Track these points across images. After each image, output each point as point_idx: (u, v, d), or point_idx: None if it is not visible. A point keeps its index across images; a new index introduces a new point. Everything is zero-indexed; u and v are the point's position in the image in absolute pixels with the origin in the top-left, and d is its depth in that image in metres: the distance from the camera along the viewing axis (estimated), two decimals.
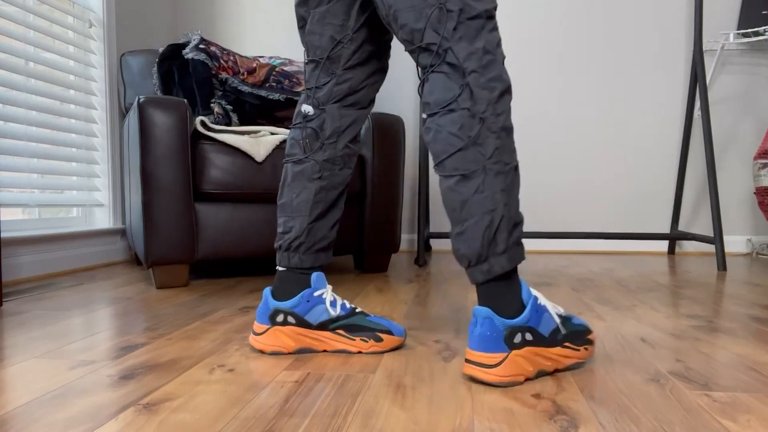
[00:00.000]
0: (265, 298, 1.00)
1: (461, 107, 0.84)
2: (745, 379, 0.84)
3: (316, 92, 1.03)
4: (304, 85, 1.04)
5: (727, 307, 1.40)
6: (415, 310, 1.35)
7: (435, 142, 0.86)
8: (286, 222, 1.03)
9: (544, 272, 2.02)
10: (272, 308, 0.99)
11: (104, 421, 0.69)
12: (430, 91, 0.86)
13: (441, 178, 0.87)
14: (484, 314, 0.82)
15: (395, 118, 2.02)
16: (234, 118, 1.94)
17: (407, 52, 0.90)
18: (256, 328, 1.00)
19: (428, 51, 0.86)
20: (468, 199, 0.83)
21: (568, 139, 2.74)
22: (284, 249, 1.03)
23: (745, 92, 2.64)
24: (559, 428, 0.66)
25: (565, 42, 2.72)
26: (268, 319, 0.99)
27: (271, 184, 1.78)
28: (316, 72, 1.02)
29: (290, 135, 1.05)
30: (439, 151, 0.86)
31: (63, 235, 1.99)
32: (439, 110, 0.85)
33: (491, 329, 0.81)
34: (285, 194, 1.04)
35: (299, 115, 1.04)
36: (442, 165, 0.86)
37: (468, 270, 0.86)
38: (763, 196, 2.29)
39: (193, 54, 1.88)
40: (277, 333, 0.98)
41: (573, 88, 2.72)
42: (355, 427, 0.67)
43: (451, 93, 0.84)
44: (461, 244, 0.85)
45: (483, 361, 0.81)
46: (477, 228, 0.83)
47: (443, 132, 0.85)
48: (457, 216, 0.85)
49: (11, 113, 1.82)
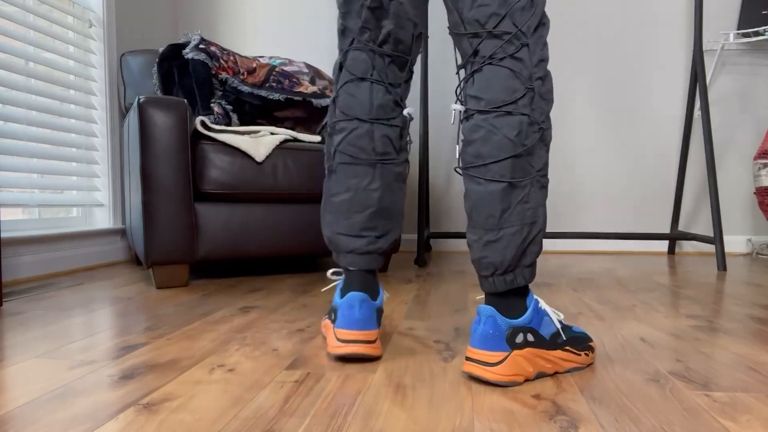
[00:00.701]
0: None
1: (520, 112, 0.81)
2: (745, 379, 0.84)
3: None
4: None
5: (727, 307, 1.40)
6: (415, 310, 1.35)
7: (485, 143, 0.82)
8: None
9: (544, 272, 2.02)
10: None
11: (104, 421, 0.69)
12: (487, 86, 0.82)
13: (477, 180, 0.84)
14: (488, 313, 0.82)
15: None
16: (234, 118, 1.94)
17: (458, 34, 0.86)
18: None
19: (497, 39, 0.82)
20: (511, 207, 0.82)
21: (568, 140, 2.74)
22: (382, 252, 0.98)
23: (745, 92, 2.64)
24: (559, 428, 0.66)
25: (565, 42, 2.72)
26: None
27: (271, 184, 1.78)
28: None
29: (384, 133, 0.97)
30: (486, 153, 0.82)
31: (63, 235, 1.99)
32: (495, 110, 0.82)
33: (494, 328, 0.81)
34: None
35: (394, 111, 0.98)
36: (485, 168, 0.83)
37: (488, 278, 0.85)
38: (763, 196, 2.29)
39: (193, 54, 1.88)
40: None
41: (573, 88, 2.72)
42: (355, 427, 0.67)
43: (514, 94, 0.81)
44: (491, 252, 0.83)
45: (484, 359, 0.81)
46: (514, 238, 0.82)
47: (498, 134, 0.82)
48: (494, 222, 0.83)
49: (11, 113, 1.82)
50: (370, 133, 0.96)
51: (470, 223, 0.87)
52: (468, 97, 0.86)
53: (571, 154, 2.74)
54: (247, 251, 1.78)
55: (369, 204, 0.96)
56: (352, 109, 0.96)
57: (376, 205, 0.97)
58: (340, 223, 0.98)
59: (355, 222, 0.97)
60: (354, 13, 0.96)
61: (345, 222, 0.97)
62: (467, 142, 0.86)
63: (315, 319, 1.25)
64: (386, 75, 0.97)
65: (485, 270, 0.85)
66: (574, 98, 2.73)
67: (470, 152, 0.85)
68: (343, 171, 0.97)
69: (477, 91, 0.84)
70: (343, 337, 0.91)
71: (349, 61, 0.97)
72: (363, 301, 0.92)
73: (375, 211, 0.97)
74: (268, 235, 1.81)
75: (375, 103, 0.96)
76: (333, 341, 0.92)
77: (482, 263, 0.85)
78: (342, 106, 0.97)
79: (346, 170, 0.97)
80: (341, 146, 0.97)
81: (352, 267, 0.97)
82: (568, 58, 2.72)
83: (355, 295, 0.92)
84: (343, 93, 0.97)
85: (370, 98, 0.96)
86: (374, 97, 0.96)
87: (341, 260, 0.99)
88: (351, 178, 0.97)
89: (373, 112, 0.96)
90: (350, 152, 0.96)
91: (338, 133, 0.98)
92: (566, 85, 2.73)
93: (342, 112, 0.97)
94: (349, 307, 0.91)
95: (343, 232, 0.97)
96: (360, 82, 0.96)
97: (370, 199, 0.96)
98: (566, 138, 2.74)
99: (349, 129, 0.96)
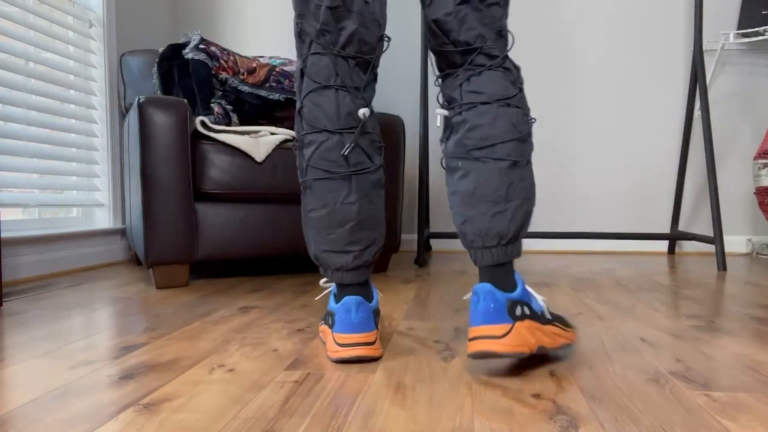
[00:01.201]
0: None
1: (516, 105, 0.91)
2: (745, 379, 0.84)
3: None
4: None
5: (727, 307, 1.40)
6: (415, 310, 1.35)
7: (492, 126, 0.89)
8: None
9: (544, 272, 2.02)
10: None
11: (104, 421, 0.69)
12: (486, 84, 0.91)
13: (484, 160, 0.90)
14: (486, 289, 0.85)
15: (395, 118, 2.02)
16: (234, 118, 1.94)
17: (446, 51, 0.93)
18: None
19: (486, 55, 0.92)
20: (514, 184, 0.90)
21: (568, 140, 2.74)
22: (369, 264, 0.98)
23: (745, 92, 2.64)
24: (559, 428, 0.66)
25: (565, 42, 2.72)
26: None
27: (271, 184, 1.78)
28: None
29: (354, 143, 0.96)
30: (494, 135, 0.89)
31: (63, 235, 1.99)
32: (496, 101, 0.90)
33: (495, 302, 0.84)
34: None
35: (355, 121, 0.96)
36: (492, 148, 0.89)
37: (491, 248, 0.89)
38: (763, 196, 2.29)
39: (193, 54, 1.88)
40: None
41: (573, 88, 2.72)
42: (355, 427, 0.67)
43: (509, 91, 0.91)
44: (498, 222, 0.89)
45: (491, 333, 0.83)
46: (519, 210, 0.90)
47: (504, 119, 0.90)
48: (501, 195, 0.89)
49: (11, 113, 1.82)
50: (341, 144, 0.93)
51: (470, 201, 0.90)
52: (466, 93, 0.92)
53: (571, 154, 2.74)
54: (247, 251, 1.78)
55: (348, 218, 0.94)
56: (318, 120, 0.94)
57: (356, 218, 0.95)
58: (322, 239, 0.96)
59: (338, 238, 0.95)
60: (311, 15, 0.93)
61: (327, 238, 0.95)
62: (472, 127, 0.91)
63: (315, 319, 1.25)
64: (351, 79, 0.95)
65: (491, 240, 0.89)
66: (574, 98, 2.73)
67: (476, 135, 0.90)
68: (317, 187, 0.95)
69: (478, 87, 0.91)
70: (342, 341, 0.91)
71: (309, 68, 0.94)
72: (359, 304, 0.92)
73: (355, 224, 0.95)
74: (268, 235, 1.81)
75: (342, 111, 0.93)
76: (333, 346, 0.92)
77: (489, 234, 0.89)
78: (308, 118, 0.94)
79: (321, 186, 0.94)
80: (312, 161, 0.94)
81: (342, 282, 0.97)
82: (567, 59, 2.72)
83: (351, 299, 0.93)
84: (308, 103, 0.94)
85: (336, 107, 0.93)
86: (341, 105, 0.93)
87: (330, 277, 0.98)
88: (326, 194, 0.94)
89: (341, 121, 0.93)
90: (323, 166, 0.94)
91: (307, 147, 0.95)
92: (566, 85, 2.73)
93: (309, 125, 0.94)
94: (346, 311, 0.92)
95: (328, 249, 0.96)
96: (324, 90, 0.93)
97: (349, 213, 0.94)
98: (566, 138, 2.74)
99: (318, 142, 0.94)
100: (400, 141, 2.02)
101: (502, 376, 0.85)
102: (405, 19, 2.80)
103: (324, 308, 1.36)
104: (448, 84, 0.95)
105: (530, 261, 2.38)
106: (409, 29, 2.80)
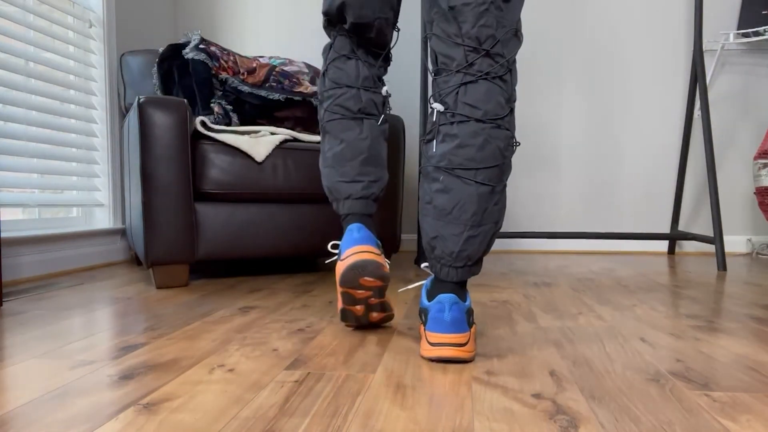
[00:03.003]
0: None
1: (505, 127, 0.92)
2: (745, 379, 0.84)
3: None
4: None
5: (727, 307, 1.40)
6: (415, 310, 1.35)
7: (482, 149, 0.91)
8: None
9: (544, 272, 2.02)
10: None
11: (104, 421, 0.69)
12: (484, 98, 0.91)
13: (465, 181, 0.91)
14: (453, 300, 0.91)
15: (395, 118, 2.02)
16: (234, 118, 1.94)
17: (452, 43, 0.92)
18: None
19: (491, 59, 0.91)
20: (489, 209, 0.93)
21: (568, 140, 2.74)
22: (375, 197, 1.11)
23: (745, 92, 2.64)
24: (559, 428, 0.66)
25: (565, 42, 2.72)
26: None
27: (271, 184, 1.78)
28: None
29: (369, 97, 1.12)
30: (480, 159, 0.91)
31: (63, 235, 1.99)
32: (490, 121, 0.91)
33: (459, 312, 0.91)
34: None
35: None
36: (476, 171, 0.91)
37: (458, 268, 0.94)
38: (763, 196, 2.29)
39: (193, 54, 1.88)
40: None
41: (573, 88, 2.72)
42: (355, 427, 0.67)
43: (502, 111, 0.92)
44: (470, 245, 0.93)
45: (457, 341, 0.90)
46: (487, 234, 0.94)
47: (493, 144, 0.91)
48: (477, 220, 0.92)
49: (11, 113, 1.82)
50: (357, 95, 1.10)
51: (445, 218, 0.93)
52: (462, 104, 0.92)
53: (571, 154, 2.74)
54: (247, 251, 1.78)
55: (360, 151, 1.08)
56: (341, 79, 1.10)
57: (366, 152, 1.09)
58: (336, 172, 1.09)
59: (350, 169, 1.08)
60: (336, 13, 1.09)
61: (341, 170, 1.08)
62: (462, 145, 0.91)
63: (315, 319, 1.25)
64: (368, 58, 1.12)
65: (460, 261, 0.94)
66: (574, 98, 2.73)
67: (464, 155, 0.91)
68: (333, 127, 1.10)
69: (474, 101, 0.91)
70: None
71: (336, 44, 1.12)
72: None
73: (366, 157, 1.08)
74: (268, 235, 1.81)
75: (361, 74, 1.10)
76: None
77: (460, 256, 0.93)
78: (332, 77, 1.11)
79: (337, 126, 1.09)
80: (330, 107, 1.10)
81: (350, 211, 1.07)
82: (567, 60, 2.72)
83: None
84: (332, 67, 1.11)
85: (356, 71, 1.10)
86: (360, 70, 1.10)
87: (341, 207, 1.09)
88: (342, 132, 1.09)
89: (360, 81, 1.10)
90: (339, 111, 1.10)
91: (328, 99, 1.11)
92: (566, 85, 2.73)
93: (332, 81, 1.11)
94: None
95: (340, 179, 1.08)
96: (347, 59, 1.10)
97: (361, 147, 1.08)
98: (566, 138, 2.74)
99: (339, 94, 1.10)
100: (400, 141, 2.02)
101: (502, 376, 0.85)
102: (405, 19, 2.80)
103: (326, 305, 1.36)
104: (442, 83, 0.95)
105: (530, 261, 2.38)
106: (408, 29, 2.80)
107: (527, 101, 2.75)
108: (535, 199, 2.77)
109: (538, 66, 2.74)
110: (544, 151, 2.75)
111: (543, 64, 2.73)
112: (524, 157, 2.76)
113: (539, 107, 2.75)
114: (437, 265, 0.95)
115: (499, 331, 1.14)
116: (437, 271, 0.96)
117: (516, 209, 2.78)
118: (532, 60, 2.74)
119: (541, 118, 2.75)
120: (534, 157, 2.76)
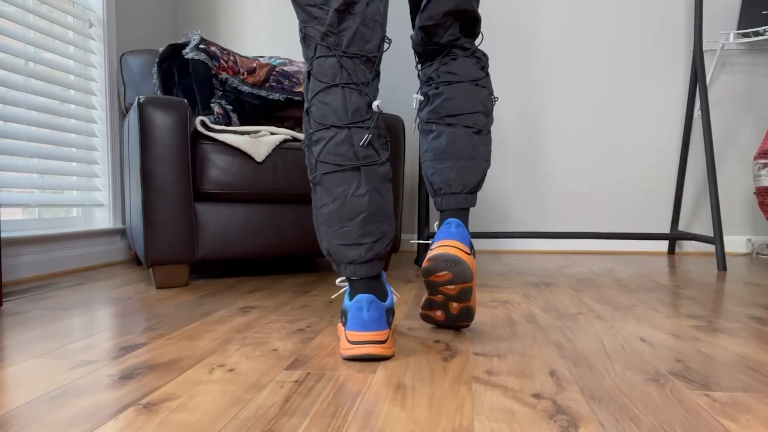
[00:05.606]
0: (373, 302, 0.93)
1: (483, 86, 1.11)
2: (745, 379, 0.84)
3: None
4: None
5: (727, 307, 1.40)
6: (415, 310, 1.35)
7: (464, 99, 1.09)
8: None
9: (544, 272, 2.02)
10: (385, 310, 0.95)
11: (104, 421, 0.69)
12: (460, 68, 1.10)
13: (455, 126, 1.09)
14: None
15: (395, 118, 2.02)
16: (234, 118, 1.94)
17: (427, 48, 1.13)
18: (376, 336, 0.92)
19: (461, 48, 1.12)
20: (477, 146, 1.09)
21: (568, 140, 2.74)
22: (381, 257, 0.98)
23: (745, 92, 2.64)
24: (559, 428, 0.66)
25: (565, 42, 2.72)
26: (386, 322, 0.94)
27: (271, 184, 1.78)
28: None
29: (362, 137, 0.98)
30: (464, 107, 1.09)
31: (63, 235, 1.99)
32: (470, 81, 1.10)
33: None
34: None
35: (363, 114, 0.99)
36: (461, 116, 1.09)
37: (456, 195, 1.07)
38: (763, 196, 2.29)
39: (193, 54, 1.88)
40: (391, 334, 0.97)
41: (572, 88, 2.72)
42: (355, 427, 0.67)
43: (479, 74, 1.11)
44: (464, 174, 1.08)
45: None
46: (480, 167, 1.09)
47: (474, 96, 1.09)
48: (468, 153, 1.08)
49: (11, 113, 1.82)
50: (349, 138, 0.95)
51: (441, 156, 1.09)
52: (444, 73, 1.11)
53: (571, 154, 2.74)
54: (247, 251, 1.78)
55: (359, 210, 0.95)
56: (327, 117, 0.95)
57: (367, 210, 0.95)
58: (334, 233, 0.96)
59: (350, 231, 0.95)
60: (314, 20, 0.96)
61: (339, 232, 0.96)
62: (448, 98, 1.09)
63: (315, 319, 1.25)
64: (357, 76, 0.97)
65: (457, 188, 1.07)
66: (574, 98, 2.73)
67: (450, 105, 1.09)
68: (327, 181, 0.96)
69: (453, 69, 1.10)
70: (353, 339, 0.93)
71: (315, 69, 0.97)
72: (371, 302, 0.94)
73: (366, 216, 0.95)
74: (268, 235, 1.81)
75: (350, 108, 0.95)
76: (344, 343, 0.94)
77: (456, 183, 1.07)
78: (316, 116, 0.96)
79: (331, 180, 0.96)
80: (322, 156, 0.96)
81: (355, 277, 0.97)
82: (568, 59, 2.72)
83: (363, 297, 0.94)
84: (315, 102, 0.97)
85: (344, 104, 0.95)
86: (348, 101, 0.95)
87: (343, 271, 0.98)
88: (336, 187, 0.95)
89: (349, 116, 0.95)
90: (332, 160, 0.95)
91: (316, 144, 0.97)
92: (566, 85, 2.73)
93: (317, 122, 0.96)
94: (358, 309, 0.93)
95: (341, 243, 0.96)
96: (330, 89, 0.96)
97: (360, 205, 0.95)
98: (566, 138, 2.74)
99: (327, 138, 0.95)
100: (400, 141, 2.02)
101: (502, 375, 0.86)
102: (405, 20, 2.80)
103: (327, 305, 1.36)
104: (427, 68, 1.15)
105: (530, 261, 2.38)
106: (408, 29, 2.80)
107: (527, 101, 2.75)
108: (535, 199, 2.77)
109: (537, 66, 2.74)
110: (543, 151, 2.75)
111: (542, 62, 2.73)
112: (524, 157, 2.76)
113: (538, 107, 2.75)
114: (438, 198, 1.10)
115: (499, 331, 1.14)
116: (439, 204, 1.10)
117: (516, 209, 2.78)
118: (531, 60, 2.74)
119: (540, 118, 2.75)
120: (534, 157, 2.76)
